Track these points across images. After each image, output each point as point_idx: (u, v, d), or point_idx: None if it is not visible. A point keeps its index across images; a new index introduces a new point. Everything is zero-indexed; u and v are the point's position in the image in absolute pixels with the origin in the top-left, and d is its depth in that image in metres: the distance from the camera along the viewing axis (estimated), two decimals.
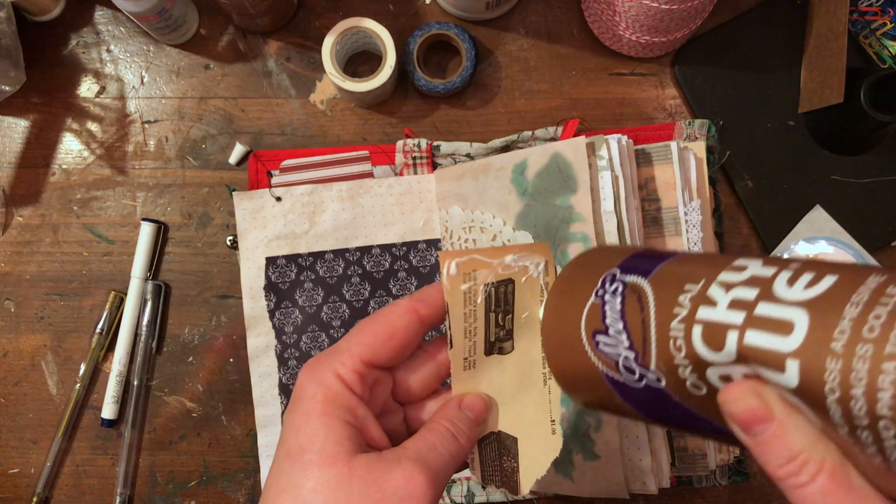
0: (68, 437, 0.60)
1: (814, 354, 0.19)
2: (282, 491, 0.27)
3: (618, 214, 0.52)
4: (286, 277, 0.58)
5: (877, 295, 0.19)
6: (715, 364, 0.22)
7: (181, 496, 0.60)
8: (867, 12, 0.61)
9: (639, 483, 0.53)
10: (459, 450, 0.31)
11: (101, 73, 0.63)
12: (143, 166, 0.62)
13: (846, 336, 0.19)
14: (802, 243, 0.60)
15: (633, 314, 0.26)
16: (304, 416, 0.29)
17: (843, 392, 0.18)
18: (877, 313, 0.18)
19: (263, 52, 0.63)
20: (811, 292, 0.20)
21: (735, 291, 0.22)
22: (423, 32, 0.59)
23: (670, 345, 0.24)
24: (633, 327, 0.25)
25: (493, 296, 0.33)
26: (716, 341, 0.22)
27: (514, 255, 0.33)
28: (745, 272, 0.23)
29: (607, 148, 0.52)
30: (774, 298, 0.21)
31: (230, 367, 0.61)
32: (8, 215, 0.62)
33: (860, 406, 0.18)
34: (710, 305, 0.23)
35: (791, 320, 0.20)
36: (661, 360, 0.24)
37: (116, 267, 0.61)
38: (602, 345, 0.27)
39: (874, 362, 0.18)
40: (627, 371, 0.26)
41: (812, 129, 0.60)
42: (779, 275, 0.22)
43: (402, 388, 0.34)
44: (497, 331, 0.34)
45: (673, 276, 0.25)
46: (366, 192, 0.59)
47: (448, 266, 0.32)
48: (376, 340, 0.31)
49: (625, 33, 0.58)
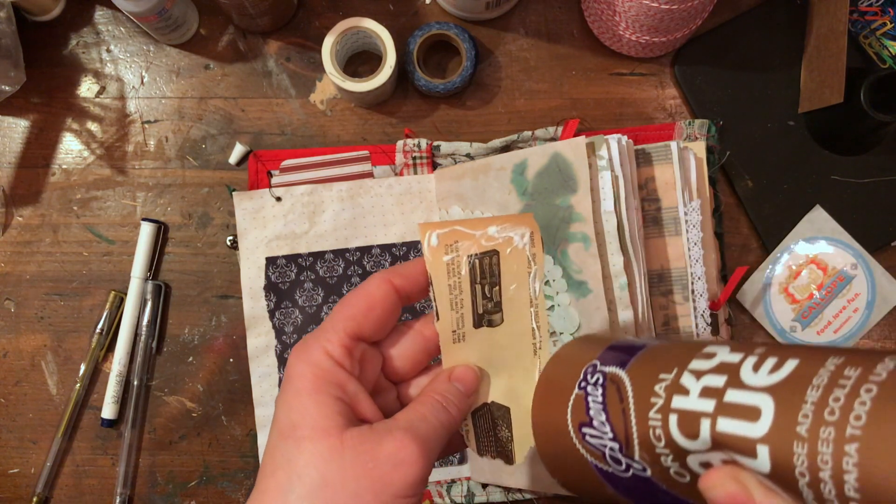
0: (68, 437, 0.60)
1: (781, 439, 0.20)
2: (277, 468, 0.28)
3: (618, 214, 0.52)
4: (286, 277, 0.58)
5: (836, 377, 0.19)
6: (693, 452, 0.23)
7: (181, 496, 0.60)
8: (867, 12, 0.61)
9: None
10: (450, 419, 0.31)
11: (101, 73, 0.63)
12: (143, 166, 0.62)
13: (809, 420, 0.19)
14: (802, 243, 0.60)
15: (614, 405, 0.26)
16: (295, 394, 0.29)
17: (812, 476, 0.19)
18: (836, 396, 0.19)
19: (263, 52, 0.63)
20: (775, 377, 0.21)
21: (705, 379, 0.23)
22: (423, 32, 0.59)
23: (650, 434, 0.24)
24: (615, 418, 0.26)
25: (478, 267, 0.33)
26: (691, 430, 0.23)
27: (498, 227, 0.33)
28: (714, 359, 0.24)
29: (607, 148, 0.52)
30: (742, 385, 0.22)
31: (230, 367, 0.61)
32: (8, 215, 0.62)
33: (829, 489, 0.19)
34: (683, 394, 0.24)
35: (758, 406, 0.21)
36: (643, 450, 0.25)
37: (116, 267, 0.61)
38: (588, 436, 0.27)
39: (837, 445, 0.18)
40: (614, 462, 0.26)
41: (812, 129, 0.60)
42: (745, 361, 0.23)
43: (392, 365, 0.34)
44: (485, 303, 0.33)
45: (649, 365, 0.26)
46: (366, 192, 0.59)
47: (428, 237, 0.32)
48: (357, 313, 0.31)
49: (625, 33, 0.58)
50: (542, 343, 0.35)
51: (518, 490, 0.57)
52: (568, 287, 0.52)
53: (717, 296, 0.57)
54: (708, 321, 0.56)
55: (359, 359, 0.31)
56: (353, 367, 0.30)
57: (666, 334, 0.56)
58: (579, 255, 0.52)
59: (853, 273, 0.59)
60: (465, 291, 0.33)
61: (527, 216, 0.34)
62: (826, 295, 0.59)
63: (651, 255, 0.56)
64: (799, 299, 0.59)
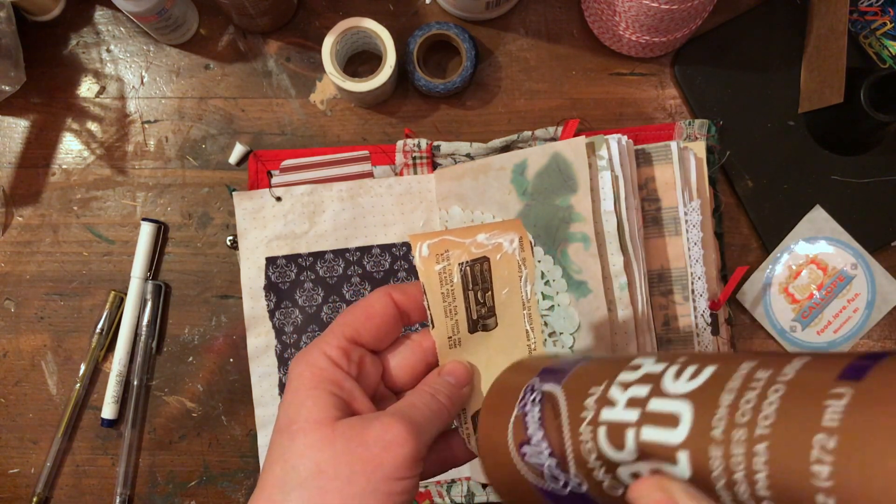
0: (68, 437, 0.60)
1: (698, 444, 0.20)
2: (274, 462, 0.29)
3: (618, 214, 0.52)
4: (286, 277, 0.58)
5: (748, 380, 0.20)
6: (623, 463, 0.23)
7: (181, 496, 0.60)
8: (867, 12, 0.61)
9: None
10: (440, 407, 0.32)
11: (101, 73, 0.63)
12: (143, 166, 0.62)
13: (724, 423, 0.19)
14: (802, 243, 0.60)
15: (550, 422, 0.26)
16: (294, 392, 0.30)
17: (727, 478, 0.19)
18: (747, 398, 0.19)
19: (263, 52, 0.63)
20: (693, 384, 0.21)
21: (631, 390, 0.24)
22: (423, 32, 0.59)
23: (583, 448, 0.25)
24: (551, 435, 0.26)
25: (469, 274, 0.33)
26: (618, 441, 0.23)
27: (487, 234, 0.34)
28: (640, 370, 0.24)
29: (607, 148, 0.52)
30: (663, 393, 0.22)
31: (230, 367, 0.61)
32: (8, 215, 0.62)
33: (744, 490, 0.19)
34: (610, 406, 0.24)
35: (677, 413, 0.21)
36: (578, 465, 0.25)
37: (116, 267, 0.61)
38: (528, 455, 0.27)
39: (748, 446, 0.18)
40: (553, 479, 0.26)
41: (812, 129, 0.60)
42: (668, 370, 0.23)
43: (392, 375, 0.35)
44: (478, 308, 0.34)
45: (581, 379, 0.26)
46: (366, 192, 0.59)
47: (419, 248, 0.32)
48: (356, 320, 0.32)
49: (625, 33, 0.58)
50: (536, 345, 0.35)
51: None
52: (568, 287, 0.52)
53: (717, 296, 0.57)
54: (708, 321, 0.56)
55: (357, 362, 0.32)
56: (351, 367, 0.31)
57: (666, 334, 0.56)
58: (579, 255, 0.52)
59: (853, 273, 0.59)
60: (458, 298, 0.33)
61: (514, 222, 0.34)
62: (826, 295, 0.59)
63: (651, 255, 0.56)
64: (799, 299, 0.59)
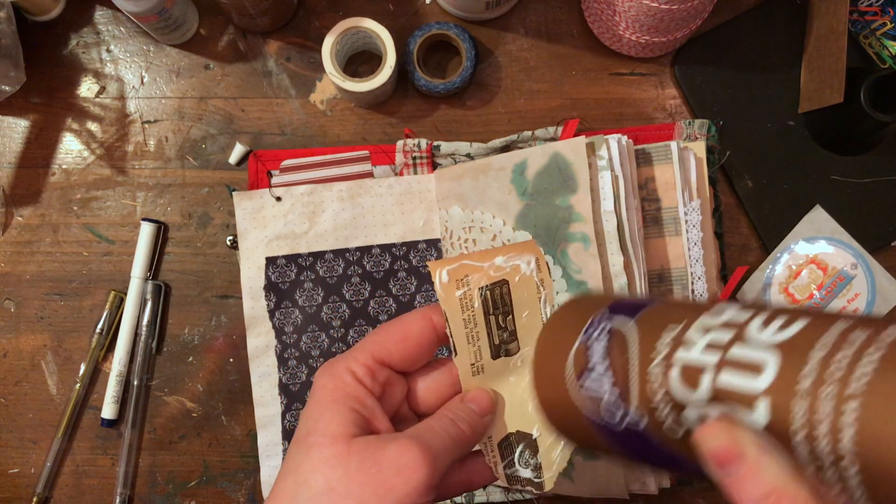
0: (68, 437, 0.60)
1: (781, 395, 0.20)
2: (288, 473, 0.29)
3: (618, 214, 0.52)
4: (286, 277, 0.58)
5: (842, 338, 0.20)
6: (691, 404, 0.23)
7: (181, 496, 0.60)
8: (867, 12, 0.61)
9: (639, 483, 0.53)
10: (460, 434, 0.31)
11: (101, 73, 0.63)
12: (143, 166, 0.62)
13: (812, 377, 0.19)
14: (802, 243, 0.60)
15: (617, 355, 0.26)
16: (315, 404, 0.30)
17: (809, 431, 0.19)
18: (841, 356, 0.19)
19: (263, 52, 0.63)
20: (782, 335, 0.21)
21: (712, 334, 0.23)
22: (423, 32, 0.59)
23: (649, 385, 0.24)
24: (616, 368, 0.26)
25: (490, 298, 0.33)
26: (692, 382, 0.23)
27: (504, 256, 0.33)
28: (723, 316, 0.24)
29: (607, 148, 0.52)
30: (748, 341, 0.22)
31: (230, 367, 0.61)
32: (8, 215, 0.62)
33: (825, 445, 0.19)
34: (687, 347, 0.24)
35: (762, 362, 0.21)
36: (641, 402, 0.25)
37: (116, 267, 0.61)
38: (587, 385, 0.27)
39: (836, 403, 0.19)
40: (609, 413, 0.26)
41: (812, 129, 0.60)
42: (754, 318, 0.23)
43: (417, 396, 0.34)
44: (500, 333, 0.34)
45: (656, 318, 0.26)
46: (366, 192, 0.59)
47: (439, 275, 0.32)
48: (389, 340, 0.32)
49: (625, 33, 0.58)
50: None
51: (518, 490, 0.57)
52: (568, 287, 0.52)
53: (717, 296, 0.57)
54: None
55: (382, 383, 0.32)
56: (375, 387, 0.31)
57: None
58: (579, 255, 0.52)
59: (853, 273, 0.59)
60: (479, 324, 0.33)
61: (529, 243, 0.34)
62: (826, 295, 0.59)
63: (651, 255, 0.56)
64: (799, 299, 0.59)
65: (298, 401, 0.58)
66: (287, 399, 0.58)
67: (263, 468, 0.58)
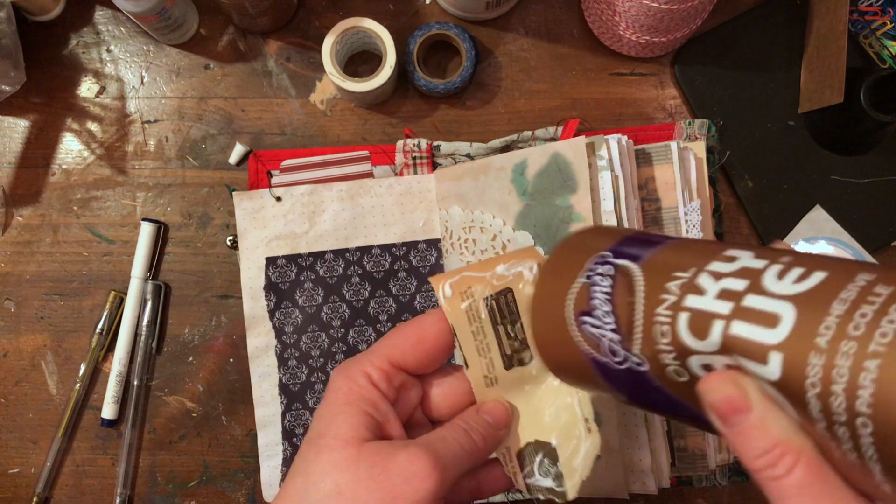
0: (68, 437, 0.60)
1: (798, 348, 0.19)
2: (297, 473, 0.29)
3: (618, 214, 0.52)
4: (286, 277, 0.58)
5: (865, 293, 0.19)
6: (698, 353, 0.22)
7: (181, 496, 0.60)
8: (867, 12, 0.61)
9: (639, 483, 0.53)
10: (472, 445, 0.31)
11: (101, 73, 0.63)
12: (143, 166, 0.62)
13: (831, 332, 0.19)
14: (802, 243, 0.60)
15: (621, 297, 0.26)
16: (329, 405, 0.30)
17: (823, 387, 0.18)
18: (863, 311, 0.18)
19: (263, 52, 0.63)
20: (800, 287, 0.20)
21: (724, 282, 0.22)
22: (423, 32, 0.59)
23: (655, 330, 0.24)
24: (620, 310, 0.25)
25: (496, 308, 0.33)
26: (701, 330, 0.22)
27: (505, 264, 0.33)
28: (736, 263, 0.23)
29: (607, 148, 0.52)
30: (763, 291, 0.21)
31: (230, 367, 0.61)
32: (8, 215, 0.62)
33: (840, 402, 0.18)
34: (698, 294, 0.23)
35: (778, 313, 0.20)
36: (645, 345, 0.24)
37: (116, 267, 0.61)
38: (588, 325, 0.27)
39: (857, 360, 0.18)
40: (611, 353, 0.26)
41: (812, 129, 0.60)
42: (769, 268, 0.22)
43: (431, 402, 0.34)
44: (510, 342, 0.33)
45: (664, 262, 0.25)
46: (366, 192, 0.59)
47: (442, 288, 0.32)
48: (405, 343, 0.32)
49: (625, 33, 0.58)
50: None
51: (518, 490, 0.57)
52: None
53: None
54: None
55: (397, 387, 0.31)
56: (390, 391, 0.31)
57: None
58: None
59: None
60: (488, 335, 0.33)
61: (530, 249, 0.34)
62: None
63: None
64: None
65: (298, 401, 0.58)
66: (287, 399, 0.58)
67: (263, 468, 0.58)
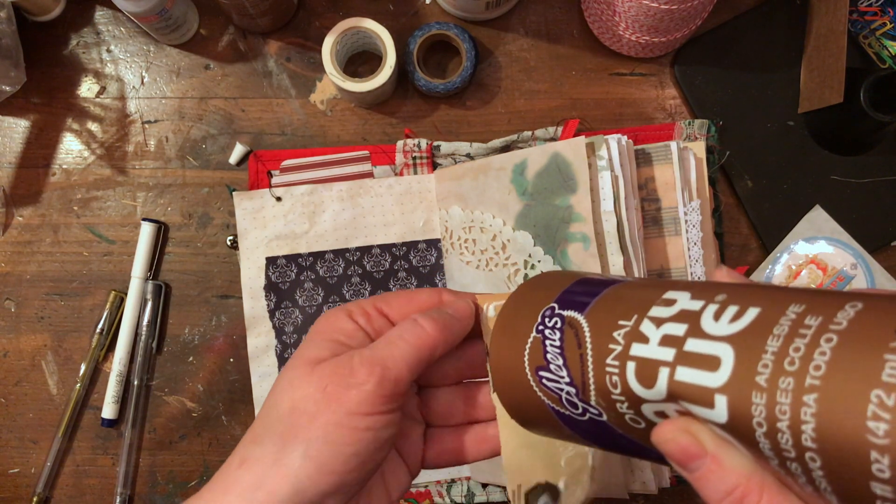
0: (68, 437, 0.60)
1: (740, 389, 0.20)
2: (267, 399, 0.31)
3: (617, 214, 0.52)
4: (286, 277, 0.58)
5: (796, 326, 0.19)
6: (648, 401, 0.23)
7: (181, 496, 0.60)
8: (867, 12, 0.61)
9: (639, 483, 0.53)
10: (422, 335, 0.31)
11: (102, 73, 0.63)
12: (143, 166, 0.62)
13: (769, 370, 0.19)
14: (802, 243, 0.60)
15: (571, 350, 0.26)
16: (304, 341, 0.32)
17: (769, 426, 0.19)
18: (796, 346, 0.19)
19: (263, 52, 0.63)
20: (735, 326, 0.21)
21: (665, 327, 0.23)
22: (423, 32, 0.59)
23: (607, 381, 0.24)
24: (572, 363, 0.26)
25: None
26: (648, 379, 0.22)
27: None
28: (675, 306, 0.23)
29: (607, 148, 0.52)
30: (702, 334, 0.21)
31: (230, 367, 0.61)
32: (8, 215, 0.62)
33: (787, 439, 0.18)
34: (642, 342, 0.23)
35: (718, 356, 0.20)
36: (599, 396, 0.25)
37: (116, 267, 0.61)
38: (545, 380, 0.27)
39: (796, 395, 0.18)
40: (571, 406, 0.26)
41: (812, 129, 0.60)
42: (706, 309, 0.22)
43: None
44: None
45: (608, 310, 0.26)
46: (366, 192, 0.59)
47: (486, 309, 0.32)
48: (396, 300, 0.33)
49: (625, 33, 0.58)
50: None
51: None
52: None
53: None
54: None
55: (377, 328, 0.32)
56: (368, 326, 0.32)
57: None
58: (579, 254, 0.52)
59: (853, 273, 0.59)
60: None
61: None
62: None
63: (651, 255, 0.56)
64: None
65: None
66: None
67: None
